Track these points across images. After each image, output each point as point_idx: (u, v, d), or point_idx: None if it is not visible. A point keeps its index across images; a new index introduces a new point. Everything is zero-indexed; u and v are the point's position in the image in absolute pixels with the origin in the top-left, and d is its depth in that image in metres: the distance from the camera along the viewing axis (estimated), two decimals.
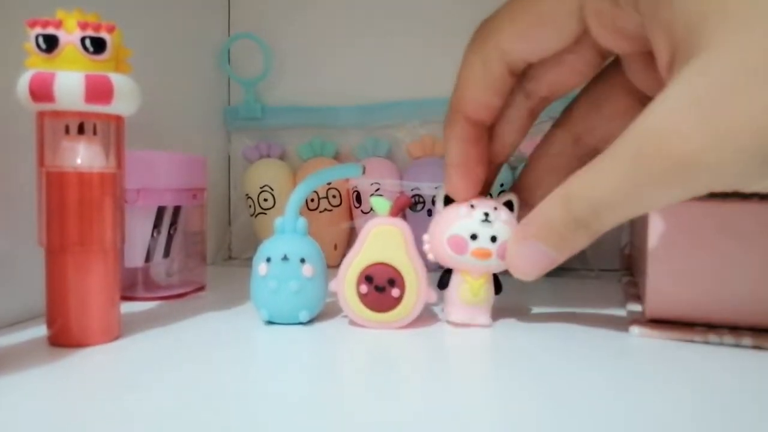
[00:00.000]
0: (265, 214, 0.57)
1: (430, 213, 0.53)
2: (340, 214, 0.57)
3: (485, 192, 0.35)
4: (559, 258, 0.29)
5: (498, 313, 0.36)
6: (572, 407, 0.23)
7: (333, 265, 0.41)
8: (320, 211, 0.56)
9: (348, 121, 0.59)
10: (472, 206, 0.33)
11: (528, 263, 0.30)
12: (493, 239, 0.33)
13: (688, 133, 0.22)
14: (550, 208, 0.28)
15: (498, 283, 0.35)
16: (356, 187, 0.56)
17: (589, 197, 0.26)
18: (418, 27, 0.58)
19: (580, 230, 0.27)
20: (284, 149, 0.61)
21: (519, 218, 0.33)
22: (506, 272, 0.33)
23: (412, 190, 0.54)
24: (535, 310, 0.39)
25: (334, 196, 0.57)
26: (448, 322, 0.35)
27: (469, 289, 0.34)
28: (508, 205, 0.34)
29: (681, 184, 0.23)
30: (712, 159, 0.22)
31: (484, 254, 0.33)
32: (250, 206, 0.58)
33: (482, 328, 0.34)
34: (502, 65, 0.30)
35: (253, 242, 0.60)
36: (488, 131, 0.33)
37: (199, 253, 0.45)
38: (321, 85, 0.61)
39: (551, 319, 0.36)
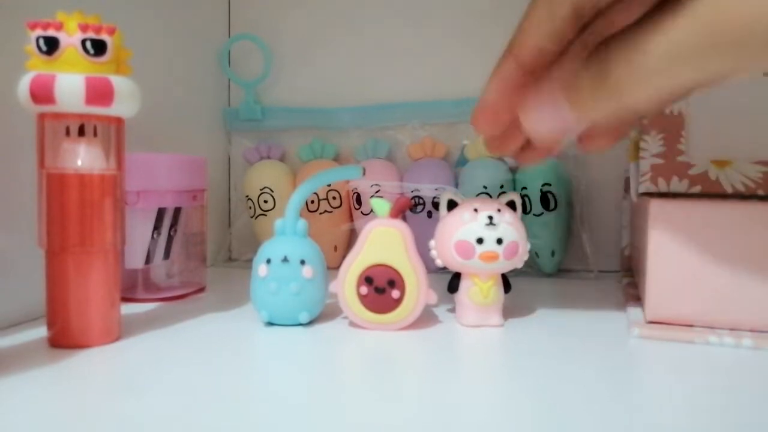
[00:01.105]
0: (265, 215, 0.58)
1: (430, 215, 0.53)
2: (340, 215, 0.57)
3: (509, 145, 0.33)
4: (576, 123, 0.27)
5: None
6: (573, 408, 0.23)
7: (333, 267, 0.41)
8: (320, 213, 0.56)
9: (348, 122, 0.59)
10: (475, 210, 0.33)
11: (544, 119, 0.28)
12: (499, 241, 0.33)
13: None
14: (583, 68, 0.26)
15: (507, 282, 0.35)
16: (356, 188, 0.56)
17: (631, 60, 0.24)
18: (418, 29, 0.58)
19: (609, 99, 0.25)
20: (284, 151, 0.61)
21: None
22: (514, 271, 0.33)
23: (412, 191, 0.54)
24: (536, 311, 0.39)
25: (334, 198, 0.57)
26: (462, 324, 0.35)
27: (479, 292, 0.34)
28: (511, 205, 0.34)
29: (735, 52, 0.21)
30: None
31: (491, 257, 0.33)
32: (250, 208, 0.58)
33: (482, 329, 0.34)
34: (570, 10, 0.27)
35: (253, 244, 0.59)
36: (533, 80, 0.30)
37: (200, 255, 0.45)
38: (321, 87, 0.61)
39: (552, 321, 0.36)
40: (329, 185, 0.56)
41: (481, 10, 0.56)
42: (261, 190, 0.57)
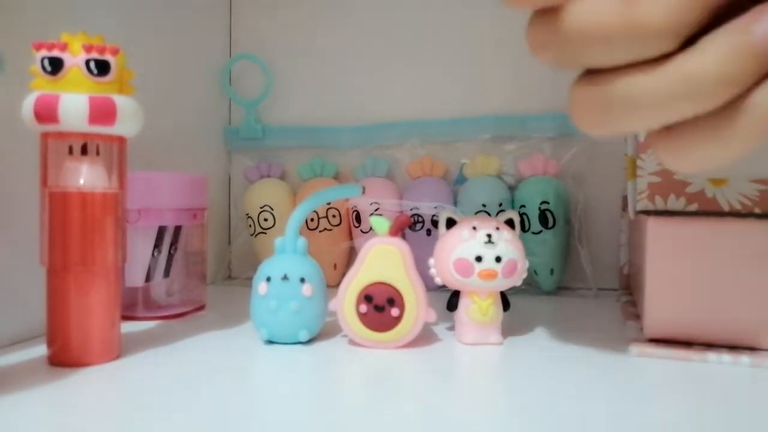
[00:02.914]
0: (265, 233, 0.58)
1: (429, 233, 0.53)
2: (339, 233, 0.57)
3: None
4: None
5: None
6: (573, 427, 0.23)
7: (332, 285, 0.41)
8: (320, 231, 0.57)
9: (348, 141, 0.60)
10: (474, 228, 0.33)
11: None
12: (498, 259, 0.33)
13: None
14: None
15: (506, 300, 0.35)
16: (356, 206, 0.56)
17: None
18: (417, 48, 0.59)
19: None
20: (284, 169, 0.61)
21: None
22: (512, 289, 0.33)
23: (411, 209, 0.54)
24: (535, 329, 0.39)
25: (333, 216, 0.57)
26: (461, 342, 0.35)
27: (478, 309, 0.34)
28: (509, 223, 0.35)
29: None
30: None
31: (490, 275, 0.33)
32: (250, 226, 0.59)
33: (482, 348, 0.34)
34: None
35: (253, 262, 0.60)
36: None
37: (200, 273, 0.45)
38: (321, 106, 0.61)
39: (551, 339, 0.36)
40: (329, 203, 0.57)
41: (481, 31, 0.57)
42: (261, 208, 0.57)
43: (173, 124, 0.53)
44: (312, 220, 0.57)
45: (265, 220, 0.58)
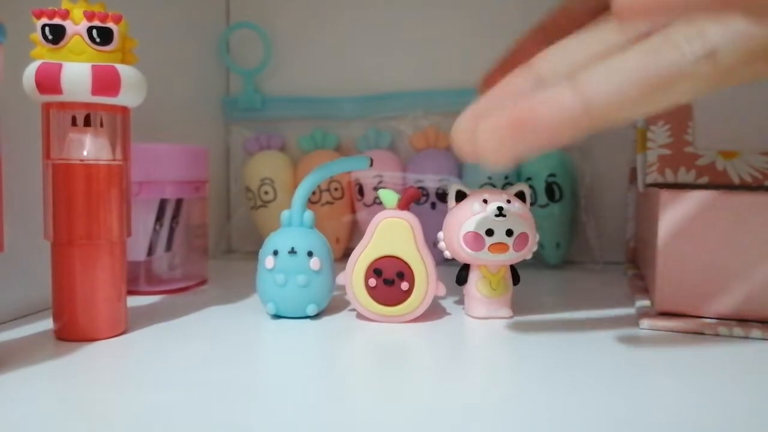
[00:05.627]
0: (266, 207, 0.57)
1: (434, 206, 0.53)
2: (341, 206, 0.57)
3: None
4: None
5: None
6: (585, 400, 0.23)
7: (335, 259, 0.41)
8: (322, 204, 0.56)
9: (350, 112, 0.59)
10: (485, 201, 0.33)
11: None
12: (509, 233, 0.32)
13: None
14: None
15: (516, 274, 0.35)
16: (358, 179, 0.56)
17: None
18: (420, 17, 0.58)
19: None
20: (285, 141, 0.60)
21: None
22: (518, 263, 0.33)
23: (416, 182, 0.53)
24: (543, 303, 0.39)
25: (336, 189, 0.56)
26: (470, 317, 0.35)
27: (488, 283, 0.34)
28: (520, 196, 0.34)
29: None
30: None
31: (501, 248, 0.33)
32: (250, 199, 0.58)
33: (491, 321, 0.34)
34: None
35: (253, 235, 0.59)
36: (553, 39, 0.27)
37: (201, 247, 0.45)
38: (322, 76, 0.60)
39: (560, 313, 0.36)
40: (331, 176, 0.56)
41: (485, 0, 0.56)
42: (261, 180, 0.57)
43: (170, 95, 0.52)
44: (314, 193, 0.56)
45: (266, 193, 0.57)
